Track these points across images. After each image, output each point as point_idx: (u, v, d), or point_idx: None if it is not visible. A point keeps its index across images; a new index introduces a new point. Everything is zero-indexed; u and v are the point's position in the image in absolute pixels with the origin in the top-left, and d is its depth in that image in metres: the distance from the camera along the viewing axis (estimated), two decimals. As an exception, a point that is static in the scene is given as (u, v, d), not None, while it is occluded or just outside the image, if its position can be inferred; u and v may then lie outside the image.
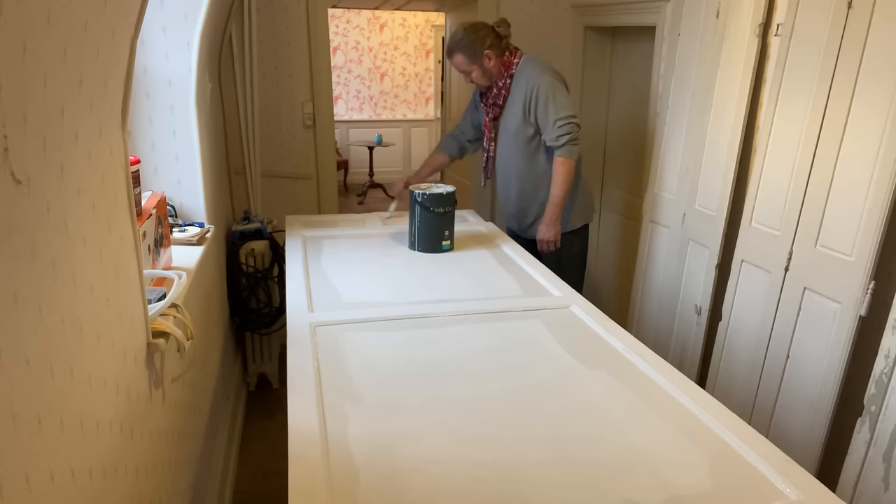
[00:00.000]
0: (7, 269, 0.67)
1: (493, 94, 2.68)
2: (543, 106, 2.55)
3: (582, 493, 1.10)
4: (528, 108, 2.59)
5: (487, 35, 2.59)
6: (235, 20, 3.07)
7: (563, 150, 2.55)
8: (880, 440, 1.67)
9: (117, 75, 1.08)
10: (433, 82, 8.58)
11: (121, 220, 1.17)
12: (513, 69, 2.63)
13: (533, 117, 2.59)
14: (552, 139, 2.56)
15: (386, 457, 1.17)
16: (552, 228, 2.66)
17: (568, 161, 2.57)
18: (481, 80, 2.65)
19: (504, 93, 2.66)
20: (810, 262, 1.99)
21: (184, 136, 2.23)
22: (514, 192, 2.78)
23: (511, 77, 2.63)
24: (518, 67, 2.63)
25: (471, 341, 1.66)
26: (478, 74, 2.64)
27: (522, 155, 2.69)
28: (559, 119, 2.53)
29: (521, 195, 2.77)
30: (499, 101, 2.68)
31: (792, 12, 2.09)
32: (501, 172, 2.81)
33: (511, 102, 2.65)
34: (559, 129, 2.54)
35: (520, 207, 2.81)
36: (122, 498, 1.09)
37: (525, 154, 2.68)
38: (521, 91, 2.60)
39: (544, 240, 2.69)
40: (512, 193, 2.80)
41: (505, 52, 2.64)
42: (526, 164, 2.70)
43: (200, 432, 1.97)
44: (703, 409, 1.33)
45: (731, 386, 2.37)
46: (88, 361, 0.94)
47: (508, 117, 2.68)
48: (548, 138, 2.58)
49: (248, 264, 2.89)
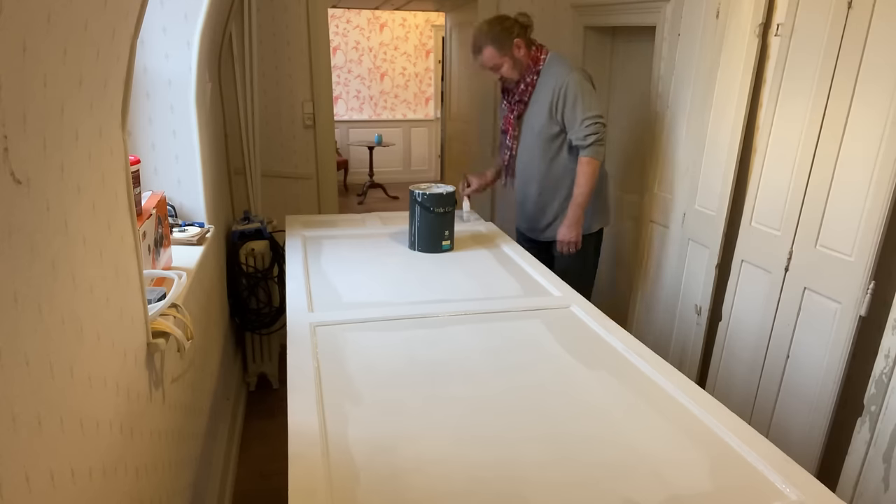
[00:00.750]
0: (7, 269, 0.67)
1: (519, 90, 2.65)
2: (572, 104, 2.51)
3: (582, 493, 1.10)
4: (555, 105, 2.55)
5: (514, 25, 2.57)
6: (235, 20, 3.07)
7: (589, 150, 2.52)
8: (880, 440, 1.67)
9: (117, 75, 1.08)
10: (433, 82, 8.58)
11: (121, 219, 1.17)
12: (540, 65, 2.60)
13: (559, 115, 2.56)
14: (579, 138, 2.53)
15: (386, 457, 1.17)
16: (574, 229, 2.61)
17: (593, 161, 2.53)
18: (512, 72, 2.60)
19: (530, 89, 2.62)
20: (810, 262, 1.99)
21: (184, 136, 2.23)
22: (534, 192, 2.74)
23: (538, 73, 2.60)
24: (545, 64, 2.60)
25: (471, 341, 1.66)
26: (509, 67, 2.59)
27: (545, 154, 2.65)
28: (587, 118, 2.50)
29: (541, 195, 2.72)
30: (525, 97, 2.64)
31: (792, 12, 2.09)
32: (521, 171, 2.77)
33: (536, 100, 2.62)
34: (587, 128, 2.50)
35: (538, 208, 2.76)
36: (122, 498, 1.09)
37: (548, 153, 2.64)
38: (548, 88, 2.57)
39: (565, 241, 2.64)
40: (531, 193, 2.75)
41: (532, 45, 2.61)
42: (548, 163, 2.66)
43: (200, 432, 1.97)
44: (703, 409, 1.33)
45: (731, 386, 2.37)
46: (88, 361, 0.94)
47: (533, 115, 2.64)
48: (574, 137, 2.54)
49: (248, 264, 2.89)
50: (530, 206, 2.79)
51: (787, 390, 2.09)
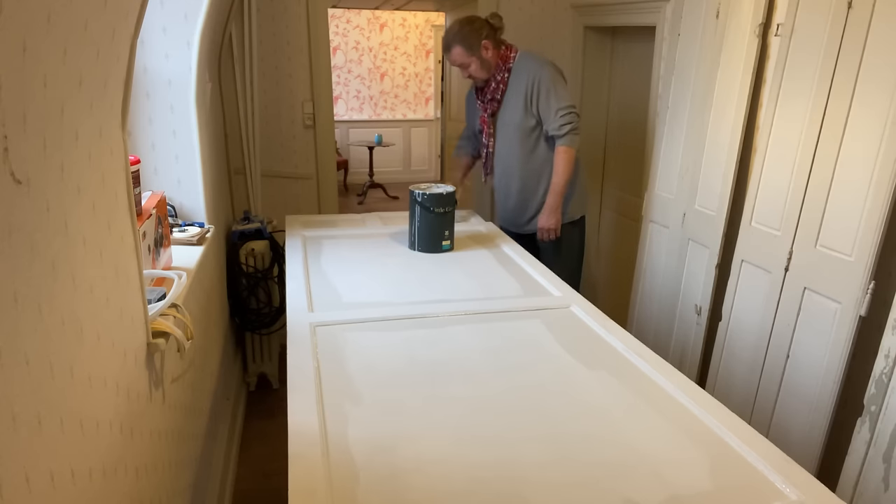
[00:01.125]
0: (7, 269, 0.67)
1: (490, 88, 2.71)
2: (546, 96, 2.59)
3: (582, 492, 1.10)
4: (530, 99, 2.62)
5: (483, 27, 2.64)
6: (235, 20, 3.07)
7: (565, 139, 2.60)
8: (880, 440, 1.67)
9: (117, 75, 1.08)
10: (433, 82, 8.58)
11: (121, 220, 1.17)
12: (510, 63, 2.67)
13: (535, 108, 2.63)
14: (554, 128, 2.60)
15: (386, 457, 1.17)
16: (553, 216, 2.69)
17: (570, 150, 2.61)
18: (479, 72, 2.68)
19: (502, 87, 2.69)
20: (810, 262, 1.99)
21: (184, 136, 2.23)
22: (515, 188, 2.80)
23: (509, 71, 2.67)
24: (515, 61, 2.67)
25: (471, 341, 1.66)
26: (476, 67, 2.66)
27: (523, 148, 2.71)
28: (561, 109, 2.58)
29: (523, 189, 2.79)
30: (497, 95, 2.71)
31: (792, 12, 2.09)
32: (501, 168, 2.83)
33: (510, 96, 2.68)
34: (561, 118, 2.58)
35: (520, 201, 2.82)
36: (122, 498, 1.09)
37: (526, 147, 2.71)
38: (521, 84, 2.64)
39: (545, 228, 2.71)
40: (513, 188, 2.81)
41: (500, 46, 2.68)
42: (527, 157, 2.72)
43: (200, 432, 1.97)
44: (703, 408, 1.33)
45: (731, 386, 2.37)
46: (88, 361, 0.94)
47: (507, 111, 2.71)
48: (550, 128, 2.62)
49: (248, 264, 2.89)
50: (512, 199, 2.85)
51: (787, 390, 2.09)
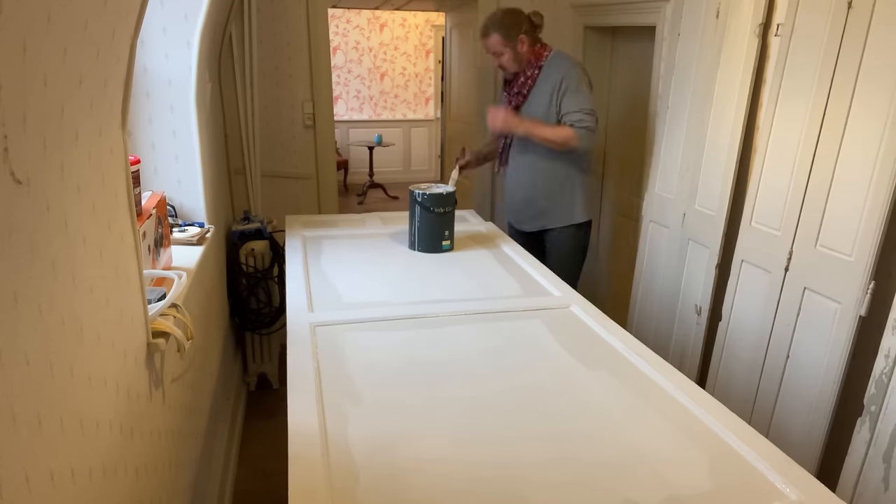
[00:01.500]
0: (7, 269, 0.67)
1: (518, 83, 2.74)
2: (571, 94, 2.61)
3: (582, 492, 1.10)
4: (556, 93, 2.64)
5: (524, 21, 2.68)
6: (235, 20, 3.07)
7: (576, 129, 2.59)
8: (880, 440, 1.67)
9: (117, 75, 1.08)
10: (433, 82, 8.58)
11: (121, 219, 1.17)
12: (542, 61, 2.70)
13: (558, 104, 2.64)
14: (573, 120, 2.60)
15: (386, 456, 1.17)
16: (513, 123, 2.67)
17: (574, 139, 2.59)
18: (511, 64, 2.70)
19: (530, 83, 2.71)
20: (810, 262, 1.99)
21: (184, 136, 2.23)
22: (527, 182, 2.82)
23: (540, 69, 2.70)
24: (548, 60, 2.70)
25: (471, 341, 1.66)
26: (508, 58, 2.68)
27: (540, 144, 2.71)
28: (584, 109, 2.60)
29: (533, 185, 2.80)
30: (524, 90, 2.73)
31: (792, 12, 2.09)
32: (515, 161, 2.85)
33: (536, 93, 2.70)
34: (583, 115, 2.59)
35: (528, 196, 2.84)
36: (122, 498, 1.09)
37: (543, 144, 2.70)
38: (550, 80, 2.66)
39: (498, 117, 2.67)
40: (524, 182, 2.83)
41: (536, 43, 2.71)
42: (542, 153, 2.73)
43: (200, 432, 1.97)
44: (703, 408, 1.33)
45: (731, 386, 2.37)
46: (88, 361, 0.94)
47: (531, 106, 2.72)
48: (567, 120, 2.61)
49: (248, 264, 2.89)
50: (521, 193, 2.87)
51: (787, 390, 2.09)
